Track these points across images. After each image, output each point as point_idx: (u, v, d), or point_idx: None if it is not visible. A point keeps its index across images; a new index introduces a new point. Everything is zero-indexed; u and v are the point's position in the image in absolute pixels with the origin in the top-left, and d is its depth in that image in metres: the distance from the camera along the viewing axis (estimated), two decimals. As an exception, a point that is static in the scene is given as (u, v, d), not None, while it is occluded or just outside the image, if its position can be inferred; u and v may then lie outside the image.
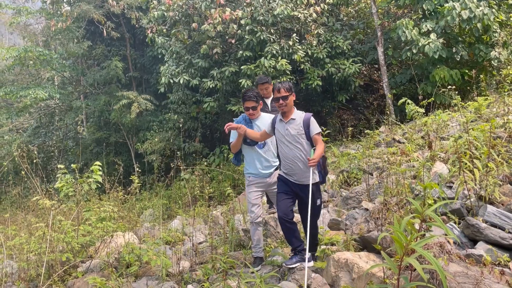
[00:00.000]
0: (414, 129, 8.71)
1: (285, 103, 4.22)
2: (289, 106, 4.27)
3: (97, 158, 14.30)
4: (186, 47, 12.29)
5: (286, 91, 4.24)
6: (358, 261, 3.68)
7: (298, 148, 4.22)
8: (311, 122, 4.22)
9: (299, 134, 4.21)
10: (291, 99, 4.27)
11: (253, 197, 4.76)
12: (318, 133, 4.21)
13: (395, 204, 4.40)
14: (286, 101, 4.22)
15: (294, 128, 4.23)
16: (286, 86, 4.27)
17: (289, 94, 4.24)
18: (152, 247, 5.43)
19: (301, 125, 4.22)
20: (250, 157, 4.80)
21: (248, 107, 4.68)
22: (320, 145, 4.12)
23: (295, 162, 4.23)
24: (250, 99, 4.64)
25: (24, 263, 5.52)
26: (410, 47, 10.69)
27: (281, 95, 4.22)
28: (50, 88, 14.71)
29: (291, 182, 4.31)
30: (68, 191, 5.93)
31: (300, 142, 4.21)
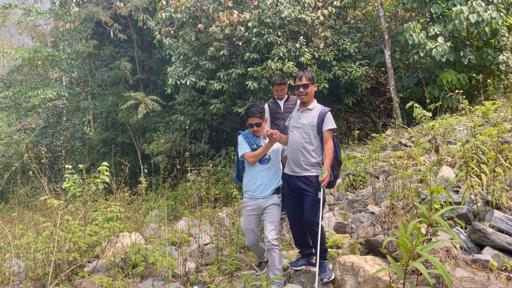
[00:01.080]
0: (421, 132, 8.68)
1: (305, 91, 4.10)
2: (309, 95, 4.14)
3: (103, 159, 14.39)
4: (193, 48, 12.34)
5: (307, 79, 4.12)
6: (364, 264, 3.68)
7: (304, 138, 4.05)
8: (326, 116, 4.05)
9: (310, 125, 4.06)
10: (311, 88, 4.14)
11: (246, 222, 4.42)
12: (330, 129, 4.03)
13: (401, 208, 4.40)
14: (307, 89, 4.11)
15: (307, 118, 4.10)
16: (309, 75, 4.16)
17: (310, 83, 4.12)
18: (158, 248, 5.46)
19: (316, 117, 4.06)
20: (249, 174, 4.43)
21: (252, 124, 4.37)
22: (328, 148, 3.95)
23: (297, 152, 4.07)
24: (254, 115, 4.33)
25: (32, 262, 5.57)
26: (417, 51, 10.66)
27: (302, 83, 4.11)
28: (59, 88, 14.83)
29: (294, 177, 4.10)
30: (75, 191, 5.98)
31: (307, 133, 4.06)
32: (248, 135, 4.45)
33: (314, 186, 3.96)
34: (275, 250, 4.06)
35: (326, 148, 3.97)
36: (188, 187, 11.59)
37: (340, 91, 12.45)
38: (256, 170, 4.35)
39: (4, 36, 46.97)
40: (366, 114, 13.80)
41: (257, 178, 4.32)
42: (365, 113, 13.84)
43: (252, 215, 4.35)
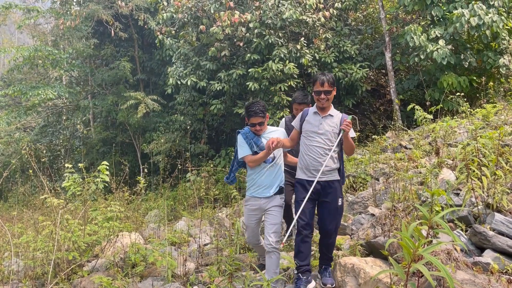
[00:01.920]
0: (421, 135, 8.69)
1: (327, 97, 3.92)
2: (330, 101, 3.97)
3: (103, 158, 14.38)
4: (194, 49, 12.35)
5: (330, 85, 3.91)
6: (365, 266, 3.68)
7: (327, 144, 3.87)
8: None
9: (334, 132, 3.89)
10: (333, 94, 3.97)
11: (247, 220, 4.34)
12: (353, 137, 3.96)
13: (402, 210, 4.40)
14: (329, 95, 3.92)
15: (330, 124, 3.92)
16: (331, 80, 3.93)
17: (332, 89, 3.94)
18: (157, 247, 5.46)
19: (338, 124, 3.90)
20: (252, 172, 4.26)
21: (255, 123, 4.15)
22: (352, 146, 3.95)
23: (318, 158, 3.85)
24: (257, 114, 4.11)
25: (31, 261, 5.56)
26: (418, 53, 10.67)
27: (324, 89, 3.89)
28: (59, 88, 14.82)
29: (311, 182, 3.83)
30: (75, 190, 5.97)
31: (331, 140, 3.89)
32: (248, 135, 4.25)
33: (335, 193, 3.88)
34: (275, 253, 3.98)
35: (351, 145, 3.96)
36: (188, 187, 11.59)
37: (341, 93, 12.46)
38: (259, 168, 4.19)
39: (5, 34, 46.95)
40: (366, 116, 13.80)
41: (260, 176, 4.17)
42: (365, 115, 13.85)
43: (253, 214, 4.25)
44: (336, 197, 3.89)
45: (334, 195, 3.88)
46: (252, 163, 4.21)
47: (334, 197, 3.88)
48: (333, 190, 3.88)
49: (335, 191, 3.89)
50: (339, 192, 3.91)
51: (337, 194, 3.90)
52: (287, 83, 10.81)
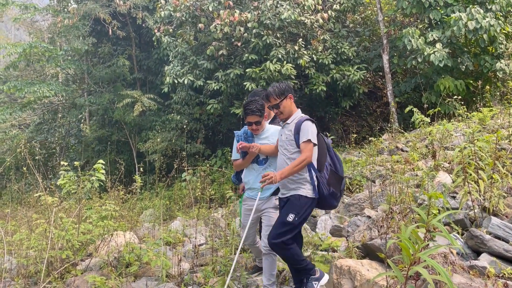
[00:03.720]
0: (418, 138, 8.70)
1: (279, 111, 3.69)
2: (285, 112, 3.69)
3: (98, 156, 14.31)
4: (192, 48, 12.31)
5: (276, 97, 3.64)
6: (361, 268, 3.66)
7: (285, 155, 3.65)
8: (301, 128, 3.55)
9: (288, 140, 3.62)
10: (285, 104, 3.66)
11: (243, 219, 4.29)
12: (306, 140, 3.51)
13: (398, 212, 4.39)
14: (279, 109, 3.67)
15: (286, 133, 3.68)
16: (277, 91, 3.64)
17: (281, 100, 3.64)
18: (152, 247, 5.41)
19: (292, 129, 3.60)
20: (248, 174, 4.24)
21: (251, 122, 4.01)
22: (298, 158, 3.48)
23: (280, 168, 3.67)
24: (254, 113, 3.96)
25: (24, 260, 5.50)
26: (415, 56, 10.70)
27: (272, 104, 3.69)
28: (55, 86, 14.73)
29: (282, 200, 3.75)
30: (70, 188, 5.93)
31: (287, 149, 3.62)
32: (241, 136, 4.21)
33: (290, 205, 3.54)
34: (271, 256, 3.91)
35: (298, 158, 3.50)
36: (183, 187, 11.55)
37: (338, 95, 12.47)
38: (254, 171, 4.15)
39: (1, 31, 46.69)
40: (363, 118, 13.83)
41: (255, 178, 4.10)
42: (361, 117, 13.88)
43: (249, 214, 4.13)
44: (286, 213, 3.52)
45: (286, 208, 3.56)
46: (237, 168, 4.25)
47: (285, 210, 3.55)
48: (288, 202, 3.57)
49: (289, 205, 3.55)
50: (294, 208, 3.51)
51: (289, 209, 3.53)
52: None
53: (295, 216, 3.46)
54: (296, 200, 3.51)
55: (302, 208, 3.50)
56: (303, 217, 3.53)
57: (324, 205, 3.77)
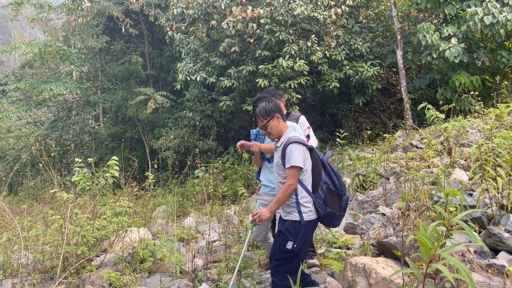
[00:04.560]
0: (433, 134, 8.58)
1: (267, 132, 3.54)
2: (273, 133, 3.52)
3: (112, 153, 14.44)
4: (204, 45, 12.32)
5: (263, 118, 3.50)
6: (376, 266, 3.62)
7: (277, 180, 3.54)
8: (286, 152, 3.34)
9: (278, 164, 3.47)
10: (272, 125, 3.49)
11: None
12: (289, 166, 3.28)
13: (414, 210, 4.33)
14: (267, 130, 3.52)
15: (277, 156, 3.52)
16: (262, 112, 3.51)
17: (267, 121, 3.48)
18: (166, 243, 5.44)
19: (280, 154, 3.43)
20: (263, 171, 4.30)
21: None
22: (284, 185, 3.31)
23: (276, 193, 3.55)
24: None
25: (40, 255, 5.58)
26: (430, 52, 10.55)
27: (260, 125, 3.56)
28: (70, 83, 14.89)
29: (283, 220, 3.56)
30: (85, 184, 5.98)
31: (279, 173, 3.49)
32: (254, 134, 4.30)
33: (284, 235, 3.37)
34: None
35: (283, 186, 3.35)
36: (196, 184, 11.59)
37: (351, 91, 12.37)
38: (266, 169, 4.21)
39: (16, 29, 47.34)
40: (376, 115, 13.69)
41: (268, 175, 4.16)
42: (375, 113, 13.74)
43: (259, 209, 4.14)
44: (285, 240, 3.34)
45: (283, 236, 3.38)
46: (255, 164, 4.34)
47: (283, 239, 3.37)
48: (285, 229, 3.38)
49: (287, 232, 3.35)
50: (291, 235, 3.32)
51: (287, 236, 3.33)
52: (297, 81, 10.74)
53: (293, 243, 3.29)
54: (291, 226, 3.34)
55: (298, 234, 3.32)
56: (302, 242, 3.34)
57: (324, 224, 3.63)
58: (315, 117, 13.21)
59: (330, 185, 3.42)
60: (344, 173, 8.36)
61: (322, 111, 13.87)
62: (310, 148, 3.45)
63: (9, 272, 5.49)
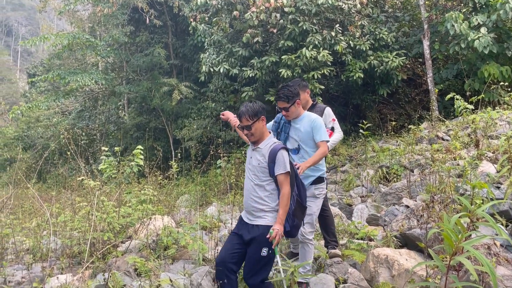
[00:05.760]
0: (459, 126, 8.39)
1: (250, 132, 3.43)
2: (256, 134, 3.42)
3: (137, 143, 14.70)
4: (227, 35, 12.32)
5: (249, 118, 3.38)
6: (399, 258, 3.60)
7: (254, 181, 3.41)
8: (277, 157, 3.29)
9: (260, 166, 3.38)
10: (257, 126, 3.40)
11: None
12: (285, 172, 3.27)
13: (439, 202, 4.27)
14: (250, 130, 3.41)
15: (258, 158, 3.41)
16: (250, 112, 3.39)
17: (253, 122, 3.38)
18: (189, 231, 5.53)
19: (266, 156, 3.34)
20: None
21: (281, 108, 3.97)
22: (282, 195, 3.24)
23: (248, 197, 3.47)
24: (280, 99, 3.92)
25: (68, 240, 5.76)
26: (458, 41, 10.28)
27: (243, 125, 3.43)
28: (96, 74, 15.19)
29: (244, 222, 3.49)
30: (111, 173, 6.12)
31: (257, 176, 3.39)
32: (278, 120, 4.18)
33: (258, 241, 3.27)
34: (308, 245, 3.88)
35: (281, 195, 3.27)
36: (218, 174, 11.69)
37: (375, 82, 12.18)
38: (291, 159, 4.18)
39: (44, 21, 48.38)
40: (401, 106, 13.46)
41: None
42: (399, 105, 13.51)
43: None
44: (259, 247, 3.24)
45: (256, 243, 3.27)
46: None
47: (257, 246, 3.26)
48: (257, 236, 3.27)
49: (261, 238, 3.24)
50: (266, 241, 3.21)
51: (261, 243, 3.23)
52: (320, 71, 10.64)
53: (268, 249, 3.23)
54: (266, 231, 3.24)
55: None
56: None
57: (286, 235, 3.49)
58: (338, 108, 13.08)
59: (299, 197, 3.42)
60: (367, 164, 8.28)
61: (346, 102, 13.72)
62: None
63: (38, 256, 5.69)
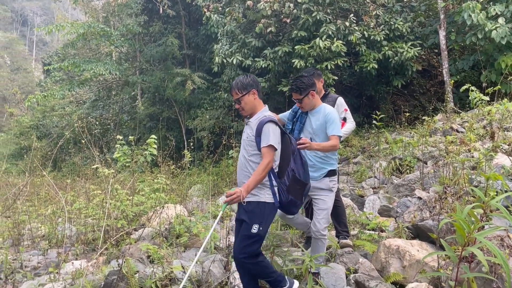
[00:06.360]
0: (475, 118, 8.28)
1: (240, 107, 3.40)
2: (247, 108, 3.38)
3: (150, 133, 14.82)
4: (240, 26, 12.27)
5: (238, 92, 3.35)
6: (410, 248, 3.59)
7: (243, 156, 3.37)
8: (263, 130, 3.22)
9: (249, 140, 3.33)
10: (247, 100, 3.35)
11: None
12: (267, 145, 3.18)
13: (452, 194, 4.23)
14: (240, 104, 3.38)
15: (248, 132, 3.38)
16: (239, 85, 3.36)
17: (243, 95, 3.34)
18: (201, 220, 5.60)
19: (254, 130, 3.28)
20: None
21: (295, 99, 3.93)
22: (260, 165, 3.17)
23: (240, 173, 3.43)
24: (293, 90, 3.88)
25: (82, 227, 5.87)
26: (475, 32, 10.08)
27: (234, 98, 3.43)
28: (110, 64, 15.31)
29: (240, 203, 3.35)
30: (125, 161, 6.20)
31: (246, 149, 3.35)
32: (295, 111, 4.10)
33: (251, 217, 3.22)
34: (322, 240, 3.81)
35: (260, 164, 3.21)
36: (230, 164, 11.73)
37: (389, 73, 12.04)
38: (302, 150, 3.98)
39: (59, 11, 48.77)
40: (415, 98, 13.29)
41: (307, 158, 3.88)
42: (414, 96, 13.34)
43: None
44: (250, 223, 3.20)
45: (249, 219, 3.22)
46: None
47: (247, 222, 3.21)
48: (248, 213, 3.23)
49: (251, 215, 3.21)
50: (257, 217, 3.20)
51: (252, 219, 3.20)
52: (334, 62, 10.55)
53: (259, 226, 3.20)
54: (257, 208, 3.23)
55: (264, 217, 3.24)
56: (267, 224, 3.29)
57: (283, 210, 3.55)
58: (351, 99, 12.97)
59: (296, 173, 3.35)
60: (380, 156, 8.23)
61: (359, 94, 13.60)
62: (283, 132, 3.37)
63: (54, 242, 5.82)
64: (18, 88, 38.63)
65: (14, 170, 16.56)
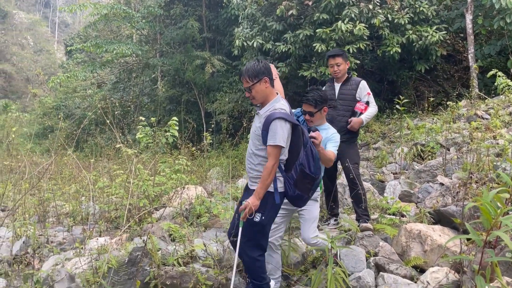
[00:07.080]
0: (501, 104, 8.08)
1: (251, 95, 3.24)
2: (258, 97, 3.22)
3: (169, 115, 14.96)
4: (261, 8, 12.16)
5: (249, 80, 3.17)
6: (432, 233, 3.58)
7: (251, 148, 3.28)
8: (270, 127, 3.06)
9: (256, 134, 3.19)
10: (258, 88, 3.17)
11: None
12: (274, 145, 3.05)
13: (476, 180, 4.18)
14: (251, 93, 3.21)
15: (256, 125, 3.24)
16: (250, 72, 3.17)
17: (254, 83, 3.16)
18: (220, 201, 5.67)
19: (262, 125, 3.13)
20: None
21: (305, 111, 3.74)
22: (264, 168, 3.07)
23: (247, 162, 3.36)
24: (308, 101, 3.67)
25: (105, 206, 6.01)
26: (503, 16, 9.78)
27: (244, 86, 3.26)
28: (132, 46, 15.42)
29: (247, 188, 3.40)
30: (147, 142, 6.29)
31: (254, 143, 3.24)
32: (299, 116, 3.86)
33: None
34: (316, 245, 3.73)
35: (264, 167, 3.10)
36: (249, 147, 11.79)
37: (413, 57, 11.80)
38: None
39: (80, -7, 48.99)
40: (439, 83, 13.02)
41: None
42: (437, 82, 13.07)
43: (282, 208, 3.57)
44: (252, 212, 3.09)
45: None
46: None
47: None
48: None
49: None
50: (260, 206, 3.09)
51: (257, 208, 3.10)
52: (356, 45, 10.38)
53: (261, 215, 3.12)
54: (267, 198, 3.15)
55: (267, 207, 3.15)
56: (270, 215, 3.21)
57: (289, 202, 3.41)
58: (373, 84, 12.78)
59: (306, 167, 3.21)
60: (402, 142, 8.14)
61: (381, 78, 13.39)
62: (295, 125, 3.21)
63: (78, 220, 5.99)
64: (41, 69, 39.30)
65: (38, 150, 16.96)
